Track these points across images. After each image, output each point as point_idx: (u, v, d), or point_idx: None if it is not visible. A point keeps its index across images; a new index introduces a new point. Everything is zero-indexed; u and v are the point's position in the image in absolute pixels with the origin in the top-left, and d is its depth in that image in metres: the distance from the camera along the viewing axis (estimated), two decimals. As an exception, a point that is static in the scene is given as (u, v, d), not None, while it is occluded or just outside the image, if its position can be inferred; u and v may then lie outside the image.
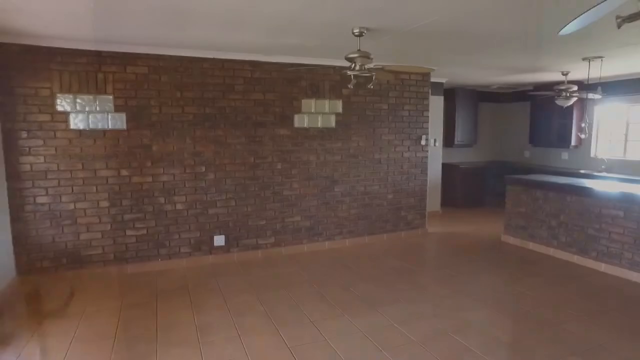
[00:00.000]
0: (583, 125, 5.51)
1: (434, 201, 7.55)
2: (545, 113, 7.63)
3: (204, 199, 4.83)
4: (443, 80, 7.10)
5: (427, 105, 6.05)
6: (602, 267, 4.73)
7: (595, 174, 6.85)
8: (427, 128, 6.11)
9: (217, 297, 3.95)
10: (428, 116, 6.09)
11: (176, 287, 4.21)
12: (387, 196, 5.92)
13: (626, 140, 6.94)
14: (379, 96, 5.68)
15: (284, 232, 5.30)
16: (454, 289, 4.18)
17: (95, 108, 4.28)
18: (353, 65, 3.70)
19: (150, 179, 4.57)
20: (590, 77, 6.03)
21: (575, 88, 6.03)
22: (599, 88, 5.11)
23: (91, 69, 4.22)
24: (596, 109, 7.23)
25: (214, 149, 4.81)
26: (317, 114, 5.33)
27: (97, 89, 4.26)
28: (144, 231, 4.61)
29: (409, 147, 5.99)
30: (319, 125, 5.35)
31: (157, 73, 4.48)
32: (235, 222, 5.02)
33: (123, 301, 3.85)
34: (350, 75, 3.71)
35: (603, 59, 4.99)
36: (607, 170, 6.90)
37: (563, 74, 6.15)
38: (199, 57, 4.61)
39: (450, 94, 7.83)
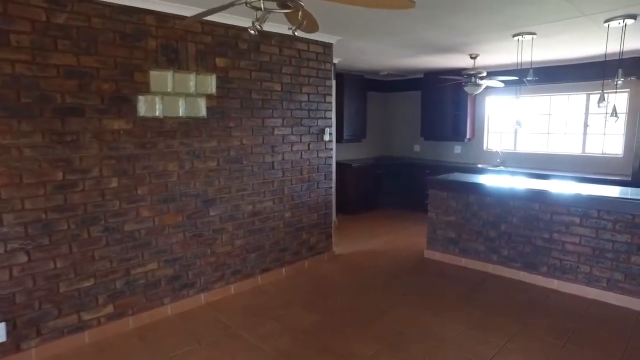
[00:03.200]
0: (516, 117, 4.71)
1: (328, 210, 6.15)
2: (437, 104, 6.91)
3: (-47, 258, 2.43)
4: (336, 61, 5.70)
5: (330, 87, 4.55)
6: (555, 283, 3.91)
7: (491, 168, 6.35)
8: (331, 118, 4.61)
9: None
10: (332, 102, 4.59)
11: None
12: (283, 215, 4.23)
13: (516, 132, 6.61)
14: (268, 72, 3.93)
15: (130, 292, 3.17)
16: None
17: None
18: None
19: None
20: (506, 62, 5.40)
21: (484, 73, 5.28)
22: (531, 71, 4.32)
23: None
24: (487, 99, 6.77)
25: (-30, 158, 2.44)
26: (177, 95, 3.32)
27: None
28: None
29: (309, 145, 4.40)
30: (181, 113, 3.36)
31: None
32: (30, 293, 2.71)
33: None
34: (260, 4, 1.87)
35: (534, 37, 4.18)
36: (503, 164, 6.47)
37: (472, 57, 5.33)
38: None
39: (339, 80, 6.51)
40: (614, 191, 3.83)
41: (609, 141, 5.77)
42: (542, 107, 6.31)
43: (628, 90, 5.54)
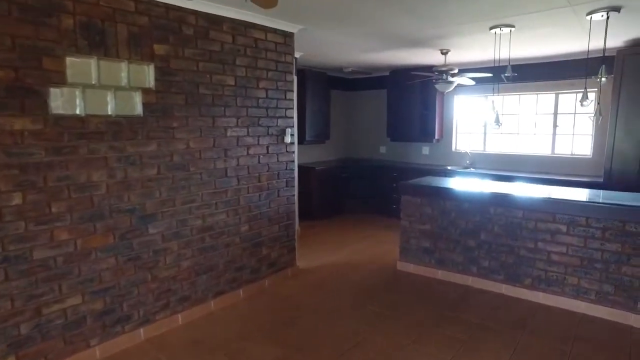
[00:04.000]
0: (494, 113, 4.37)
1: (290, 218, 5.62)
2: (404, 103, 6.55)
3: None
4: (297, 55, 5.18)
5: (292, 83, 4.03)
6: (540, 296, 3.59)
7: (461, 170, 6.06)
8: (293, 117, 4.09)
9: None
10: (293, 99, 4.07)
11: None
12: (239, 228, 3.67)
13: (485, 133, 6.37)
14: (219, 63, 3.36)
15: (42, 337, 2.51)
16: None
17: None
18: None
19: None
20: (479, 59, 5.07)
21: (456, 70, 4.96)
22: (509, 67, 3.99)
23: None
24: (456, 99, 6.49)
25: None
26: (104, 88, 2.69)
27: None
28: None
29: (268, 148, 3.86)
30: (111, 111, 2.73)
31: None
32: None
33: None
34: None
35: (513, 30, 3.87)
36: (472, 166, 6.21)
37: (443, 53, 4.99)
38: None
39: (300, 77, 6.00)
40: (601, 196, 3.57)
41: (578, 142, 5.63)
42: (511, 107, 6.09)
43: (595, 90, 5.39)
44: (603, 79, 3.53)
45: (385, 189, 6.58)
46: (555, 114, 5.74)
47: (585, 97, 3.62)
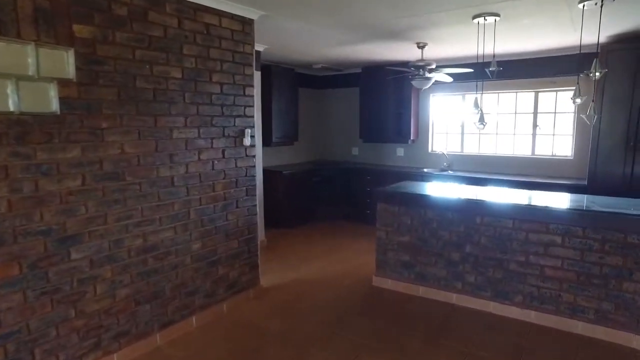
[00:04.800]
0: (477, 111, 3.97)
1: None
2: (378, 102, 6.13)
3: None
4: (261, 49, 4.66)
5: (251, 77, 3.50)
6: (532, 316, 3.22)
7: (438, 173, 5.69)
8: (253, 116, 3.57)
9: None
10: (253, 96, 3.55)
11: None
12: (190, 246, 3.12)
13: (463, 133, 6.03)
14: (162, 51, 2.81)
15: None
16: None
17: None
18: None
19: None
20: (458, 54, 4.66)
21: (434, 65, 4.57)
22: (494, 61, 3.60)
23: None
24: (432, 97, 6.12)
25: None
26: (0, 77, 2.11)
27: None
28: None
29: (223, 152, 3.33)
30: (12, 107, 2.14)
31: None
32: None
33: None
34: None
35: (498, 19, 3.49)
36: (450, 168, 5.85)
37: (419, 47, 4.58)
38: None
39: (265, 73, 5.48)
40: (600, 203, 3.22)
41: (559, 142, 5.36)
42: (490, 106, 5.77)
43: (575, 87, 5.13)
44: (597, 74, 3.19)
45: (358, 193, 6.16)
46: (535, 113, 5.46)
47: (577, 93, 3.28)
